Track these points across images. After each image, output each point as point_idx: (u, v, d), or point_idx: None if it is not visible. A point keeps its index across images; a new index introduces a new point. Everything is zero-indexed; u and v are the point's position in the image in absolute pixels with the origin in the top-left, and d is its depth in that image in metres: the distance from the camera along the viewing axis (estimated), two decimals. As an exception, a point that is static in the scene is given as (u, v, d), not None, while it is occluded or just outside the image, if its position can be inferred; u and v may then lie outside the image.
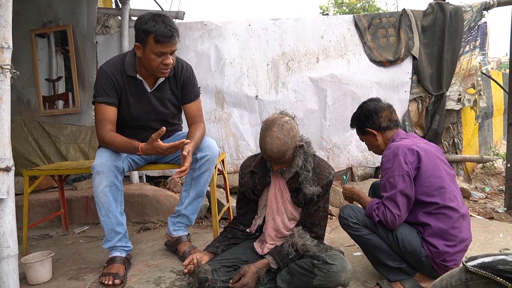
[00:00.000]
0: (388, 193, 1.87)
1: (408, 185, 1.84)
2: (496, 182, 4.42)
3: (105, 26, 4.16)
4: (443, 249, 1.81)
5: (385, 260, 1.93)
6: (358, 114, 2.15)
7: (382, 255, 1.92)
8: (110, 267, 2.09)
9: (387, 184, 1.89)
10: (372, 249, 1.95)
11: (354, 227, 1.93)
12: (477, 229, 2.92)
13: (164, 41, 2.02)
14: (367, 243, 1.95)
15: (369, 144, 2.18)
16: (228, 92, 4.14)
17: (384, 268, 1.96)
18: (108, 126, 2.16)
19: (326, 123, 4.13)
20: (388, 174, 1.88)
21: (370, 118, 2.08)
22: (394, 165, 1.87)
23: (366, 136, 2.14)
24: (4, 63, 1.63)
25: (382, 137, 2.09)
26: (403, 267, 1.91)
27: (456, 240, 1.83)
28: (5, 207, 1.66)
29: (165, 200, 3.42)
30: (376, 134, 2.08)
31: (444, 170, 1.92)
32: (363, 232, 1.93)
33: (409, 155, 1.87)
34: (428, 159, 1.89)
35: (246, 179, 2.04)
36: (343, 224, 1.98)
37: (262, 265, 1.87)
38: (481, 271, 1.18)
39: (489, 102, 6.09)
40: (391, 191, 1.85)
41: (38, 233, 3.15)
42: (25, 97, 4.15)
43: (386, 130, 2.07)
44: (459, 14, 4.02)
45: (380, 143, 2.10)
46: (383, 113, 2.07)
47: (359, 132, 2.19)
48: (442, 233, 1.82)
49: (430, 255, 1.83)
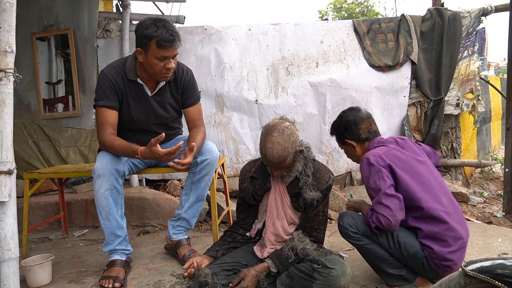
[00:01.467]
0: (375, 198, 1.87)
1: (390, 184, 1.83)
2: (494, 187, 4.43)
3: (106, 30, 4.18)
4: (438, 250, 1.80)
5: (385, 268, 1.93)
6: (338, 124, 2.15)
7: (382, 263, 1.92)
8: (110, 270, 2.09)
9: (370, 191, 1.90)
10: (372, 258, 1.95)
11: (354, 236, 1.93)
12: (475, 233, 2.93)
13: (166, 45, 2.04)
14: (367, 252, 1.95)
15: (348, 153, 2.20)
16: (228, 96, 4.16)
17: (384, 275, 1.96)
18: (109, 129, 2.17)
19: (326, 127, 4.15)
20: (369, 182, 1.89)
21: (350, 129, 2.08)
22: (372, 172, 1.88)
23: (345, 145, 2.16)
24: (8, 67, 1.64)
25: (361, 148, 2.10)
26: (403, 274, 1.92)
27: (450, 240, 1.82)
28: (6, 210, 1.67)
29: (164, 204, 3.42)
30: (355, 145, 2.10)
31: (423, 171, 1.91)
32: (363, 242, 1.92)
33: (381, 162, 1.87)
34: (401, 167, 1.88)
35: (246, 184, 2.06)
36: (343, 233, 1.97)
37: (261, 269, 1.88)
38: (480, 275, 1.19)
39: (488, 107, 6.12)
40: (376, 195, 1.85)
41: (37, 236, 3.15)
42: (26, 100, 4.16)
43: (365, 141, 2.08)
44: (457, 20, 4.05)
45: (359, 154, 2.11)
46: (363, 124, 2.07)
47: (338, 141, 2.19)
48: (435, 235, 1.82)
49: (429, 256, 1.83)
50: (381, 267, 1.94)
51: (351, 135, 2.09)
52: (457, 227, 1.86)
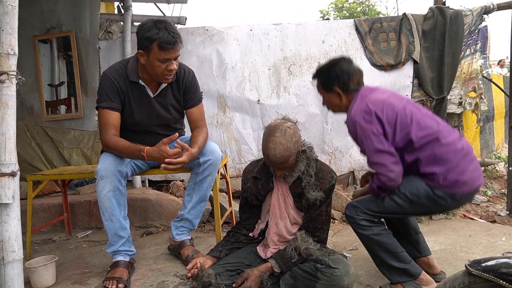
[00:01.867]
0: (369, 160, 1.86)
1: (378, 141, 1.81)
2: (498, 186, 4.41)
3: (108, 32, 4.19)
4: (441, 171, 1.78)
5: (390, 261, 1.89)
6: (329, 70, 2.04)
7: (388, 255, 1.89)
8: (114, 271, 2.10)
9: (365, 152, 1.89)
10: (379, 250, 1.91)
11: (363, 225, 1.89)
12: (479, 232, 2.92)
13: (168, 47, 2.04)
14: (375, 243, 1.90)
15: (329, 101, 2.10)
16: (230, 97, 4.16)
17: (388, 269, 1.93)
18: (112, 131, 2.18)
19: (328, 127, 4.14)
20: (360, 143, 1.89)
21: (341, 79, 2.00)
22: (359, 132, 1.86)
23: (329, 93, 2.06)
24: (10, 69, 1.65)
25: (346, 98, 2.03)
26: (407, 268, 1.89)
27: (451, 156, 1.79)
28: (10, 212, 1.68)
29: (167, 205, 3.43)
30: (341, 95, 2.02)
31: (409, 106, 1.90)
32: (374, 231, 1.89)
33: (367, 117, 1.84)
34: (388, 109, 1.86)
35: (249, 185, 2.06)
36: (351, 223, 1.94)
37: (265, 269, 1.88)
38: (484, 274, 1.19)
39: (490, 106, 6.09)
40: (370, 156, 1.85)
41: (41, 237, 3.16)
42: (28, 102, 4.17)
43: (352, 92, 2.02)
44: (459, 18, 4.04)
45: (342, 104, 2.04)
46: (355, 76, 2.01)
47: (322, 87, 2.09)
48: (434, 158, 1.80)
49: (437, 185, 1.79)
50: (387, 260, 1.90)
51: (341, 84, 2.00)
52: (452, 141, 1.84)
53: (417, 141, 1.82)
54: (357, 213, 1.91)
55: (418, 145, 1.82)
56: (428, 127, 1.85)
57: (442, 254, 2.47)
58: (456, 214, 3.43)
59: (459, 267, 2.10)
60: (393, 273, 1.92)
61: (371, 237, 1.90)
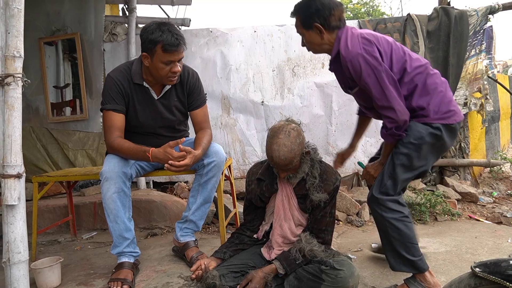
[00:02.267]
0: (379, 102, 1.80)
1: (392, 82, 1.79)
2: (504, 187, 4.37)
3: (113, 34, 4.22)
4: (432, 103, 1.82)
5: (400, 249, 1.86)
6: (308, 5, 1.89)
7: (400, 244, 1.86)
8: (119, 272, 2.10)
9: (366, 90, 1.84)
10: (392, 235, 1.87)
11: (387, 206, 1.86)
12: (485, 233, 2.90)
13: (172, 50, 2.05)
14: (390, 227, 1.87)
15: (309, 40, 1.96)
16: (234, 98, 4.17)
17: (395, 256, 1.90)
18: (116, 133, 2.19)
19: (332, 128, 4.14)
20: (365, 81, 1.80)
21: (322, 13, 1.86)
22: (365, 68, 1.78)
23: (309, 31, 1.91)
24: (16, 72, 1.66)
25: (327, 36, 1.90)
26: (415, 260, 1.86)
27: (440, 87, 1.86)
28: (16, 213, 1.69)
29: (172, 206, 3.43)
30: (323, 32, 1.89)
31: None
32: (393, 215, 1.86)
33: (369, 48, 1.79)
34: (383, 40, 1.86)
35: (253, 186, 2.06)
36: (375, 203, 1.90)
37: (269, 271, 1.88)
38: (490, 276, 1.19)
39: (496, 106, 6.04)
40: (380, 98, 1.79)
41: (46, 238, 3.18)
42: (34, 104, 4.20)
43: (334, 29, 1.89)
44: (464, 18, 4.02)
45: (324, 42, 1.92)
46: (337, 10, 1.88)
47: (301, 25, 1.93)
48: (426, 88, 1.84)
49: (431, 119, 1.82)
50: (398, 248, 1.87)
51: (322, 19, 1.86)
52: (437, 72, 1.92)
53: (411, 72, 1.83)
54: (382, 194, 1.88)
55: (411, 76, 1.83)
56: (418, 58, 1.89)
57: (448, 255, 2.46)
58: (462, 215, 3.41)
59: (465, 269, 2.09)
60: (398, 261, 1.90)
61: (390, 220, 1.86)
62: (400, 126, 1.80)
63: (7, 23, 1.64)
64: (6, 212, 1.68)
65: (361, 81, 1.82)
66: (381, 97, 1.79)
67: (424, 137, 1.82)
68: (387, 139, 1.90)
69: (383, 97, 1.78)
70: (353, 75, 1.84)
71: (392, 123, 1.80)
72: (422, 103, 1.83)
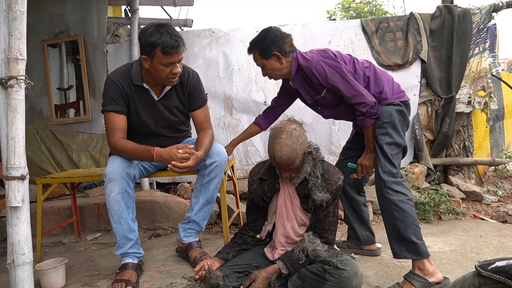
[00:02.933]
0: (350, 94, 2.05)
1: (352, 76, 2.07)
2: (509, 185, 4.35)
3: (115, 35, 4.23)
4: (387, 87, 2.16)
5: (405, 232, 1.95)
6: (263, 38, 2.18)
7: (405, 226, 1.96)
8: (123, 273, 2.11)
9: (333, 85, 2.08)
10: (398, 218, 1.98)
11: (393, 189, 2.01)
12: (490, 232, 2.89)
13: (171, 51, 2.05)
14: (396, 209, 1.98)
15: (270, 68, 2.22)
16: (237, 98, 4.17)
17: (399, 242, 1.98)
18: (119, 134, 2.19)
19: (335, 127, 4.13)
20: (332, 82, 2.06)
21: (277, 42, 2.15)
22: (329, 71, 2.06)
23: (269, 60, 2.19)
24: (19, 74, 1.66)
25: (285, 60, 2.18)
26: (420, 244, 1.94)
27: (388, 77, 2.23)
28: (20, 215, 1.69)
29: (175, 207, 3.44)
30: (281, 57, 2.16)
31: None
32: (398, 197, 1.99)
33: (328, 56, 2.09)
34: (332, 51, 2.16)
35: (255, 186, 2.06)
36: (381, 187, 2.04)
37: (272, 271, 1.88)
38: (494, 276, 1.18)
39: (500, 104, 6.01)
40: (349, 91, 2.05)
41: (51, 240, 3.19)
42: (38, 106, 4.23)
43: (289, 54, 2.18)
44: (467, 17, 4.00)
45: (284, 66, 2.19)
46: (287, 39, 2.18)
47: (260, 56, 2.21)
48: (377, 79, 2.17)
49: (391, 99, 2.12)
50: (403, 231, 1.96)
51: (278, 48, 2.15)
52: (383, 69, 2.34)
53: (360, 69, 2.16)
54: (387, 175, 2.04)
55: (362, 71, 2.16)
56: (364, 60, 2.24)
57: (452, 255, 2.45)
58: (466, 214, 3.39)
59: (470, 268, 2.08)
60: (402, 249, 1.97)
61: (397, 203, 1.99)
62: (372, 106, 2.05)
63: (10, 25, 1.65)
64: (10, 214, 1.69)
65: (328, 82, 2.08)
66: (348, 89, 2.05)
67: (392, 114, 2.09)
68: (366, 122, 2.10)
69: (351, 88, 2.05)
70: (320, 80, 2.10)
71: (365, 107, 2.04)
72: (378, 88, 2.14)
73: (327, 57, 2.09)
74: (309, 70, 2.10)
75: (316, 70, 2.08)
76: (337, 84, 2.06)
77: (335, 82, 2.06)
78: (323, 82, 2.10)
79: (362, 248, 2.51)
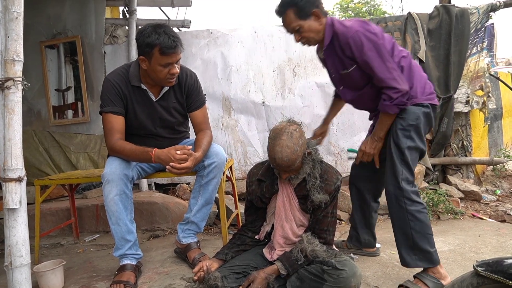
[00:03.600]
0: (381, 75, 1.88)
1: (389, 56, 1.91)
2: (507, 184, 4.35)
3: (113, 36, 4.23)
4: (417, 84, 1.99)
5: (419, 241, 1.90)
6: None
7: (419, 235, 1.91)
8: (121, 275, 2.11)
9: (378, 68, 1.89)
10: (412, 227, 1.91)
11: (412, 198, 1.92)
12: (488, 232, 2.89)
13: (169, 52, 2.05)
14: (412, 220, 1.92)
15: (309, 29, 1.98)
16: (235, 99, 4.16)
17: (412, 251, 1.93)
18: (117, 135, 2.19)
19: (334, 128, 4.13)
20: (367, 57, 1.88)
21: (315, 1, 1.97)
22: (367, 45, 1.87)
23: (307, 19, 1.96)
24: (16, 75, 1.66)
25: (322, 22, 1.99)
26: (432, 252, 1.91)
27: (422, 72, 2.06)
28: (17, 217, 1.69)
29: (174, 208, 3.43)
30: (321, 16, 1.97)
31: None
32: (416, 207, 1.92)
33: (365, 24, 1.92)
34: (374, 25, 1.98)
35: (254, 187, 2.05)
36: (399, 197, 1.94)
37: (271, 271, 1.87)
38: (492, 275, 1.18)
39: (498, 104, 6.02)
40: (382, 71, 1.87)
41: (49, 241, 3.18)
42: (36, 107, 4.21)
43: (325, 16, 2.00)
44: (465, 16, 4.00)
45: (322, 28, 1.99)
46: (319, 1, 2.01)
47: (296, 16, 1.96)
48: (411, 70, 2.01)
49: (420, 100, 1.97)
50: (417, 240, 1.90)
51: (316, 6, 1.96)
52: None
53: (397, 54, 1.98)
54: (406, 183, 1.93)
55: (398, 59, 1.97)
56: (403, 49, 2.07)
57: (451, 254, 2.45)
58: (465, 214, 3.39)
59: (468, 268, 2.07)
60: (414, 258, 1.93)
61: (413, 213, 1.92)
62: (404, 94, 1.89)
63: (7, 27, 1.65)
64: (8, 216, 1.68)
65: (362, 57, 1.89)
66: (383, 69, 1.87)
67: (420, 117, 1.95)
68: (391, 109, 1.93)
69: (385, 70, 1.87)
70: (354, 53, 1.90)
71: (397, 93, 1.87)
72: (409, 83, 1.95)
73: (368, 30, 1.89)
74: (344, 39, 1.90)
75: (353, 40, 1.87)
76: (372, 62, 1.87)
77: (370, 59, 1.87)
78: (357, 56, 1.90)
79: (361, 249, 2.48)
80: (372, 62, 1.87)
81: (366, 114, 2.35)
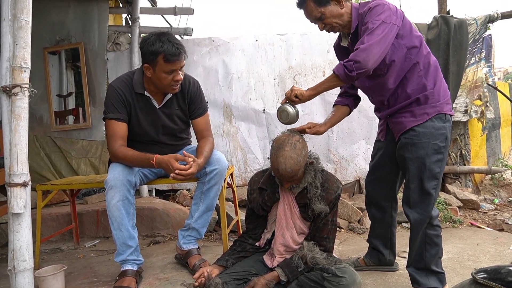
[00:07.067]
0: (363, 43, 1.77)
1: (392, 36, 1.80)
2: (505, 194, 4.38)
3: (116, 43, 4.26)
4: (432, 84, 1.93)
5: (432, 264, 1.94)
6: None
7: (434, 259, 1.94)
8: (122, 280, 2.11)
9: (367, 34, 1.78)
10: (429, 251, 1.94)
11: (436, 224, 1.95)
12: (486, 241, 2.91)
13: (173, 59, 2.08)
14: (429, 243, 1.94)
15: (331, 14, 1.93)
16: (236, 106, 4.20)
17: (425, 273, 1.96)
18: (120, 141, 2.21)
19: (333, 136, 4.16)
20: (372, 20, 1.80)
21: None
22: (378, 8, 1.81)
23: (328, 6, 1.91)
24: (23, 82, 1.69)
25: (345, 5, 1.93)
26: (443, 273, 1.97)
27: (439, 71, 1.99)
28: (22, 222, 1.71)
29: (174, 214, 3.45)
30: (342, 2, 1.92)
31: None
32: (436, 232, 1.95)
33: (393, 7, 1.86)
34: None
35: (255, 195, 2.07)
36: (422, 222, 1.93)
37: (271, 278, 1.89)
38: (491, 283, 1.20)
39: (496, 113, 6.07)
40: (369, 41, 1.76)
41: (49, 247, 3.19)
42: (38, 113, 4.23)
43: (348, 0, 1.95)
44: (463, 27, 4.05)
45: (345, 11, 1.93)
46: None
47: (316, 5, 1.92)
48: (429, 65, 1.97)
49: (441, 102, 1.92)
50: (430, 263, 1.93)
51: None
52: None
53: (425, 51, 1.93)
54: (433, 212, 1.94)
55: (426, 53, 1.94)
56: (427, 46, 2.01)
57: (450, 263, 2.46)
58: (463, 223, 3.41)
59: (467, 276, 2.08)
60: (424, 278, 1.95)
61: (432, 237, 1.94)
62: (361, 69, 1.76)
63: (15, 34, 1.68)
64: (12, 220, 1.70)
65: (370, 18, 1.81)
66: (369, 38, 1.76)
67: (448, 137, 1.93)
68: (339, 70, 1.86)
69: (371, 41, 1.75)
70: (368, 16, 1.83)
71: (356, 64, 1.76)
72: (431, 82, 1.92)
73: (395, 12, 1.83)
74: (367, 9, 1.86)
75: (376, 4, 1.83)
76: (371, 29, 1.77)
77: (373, 26, 1.77)
78: (367, 19, 1.83)
79: (381, 266, 2.36)
80: (371, 29, 1.78)
81: (366, 122, 2.38)
